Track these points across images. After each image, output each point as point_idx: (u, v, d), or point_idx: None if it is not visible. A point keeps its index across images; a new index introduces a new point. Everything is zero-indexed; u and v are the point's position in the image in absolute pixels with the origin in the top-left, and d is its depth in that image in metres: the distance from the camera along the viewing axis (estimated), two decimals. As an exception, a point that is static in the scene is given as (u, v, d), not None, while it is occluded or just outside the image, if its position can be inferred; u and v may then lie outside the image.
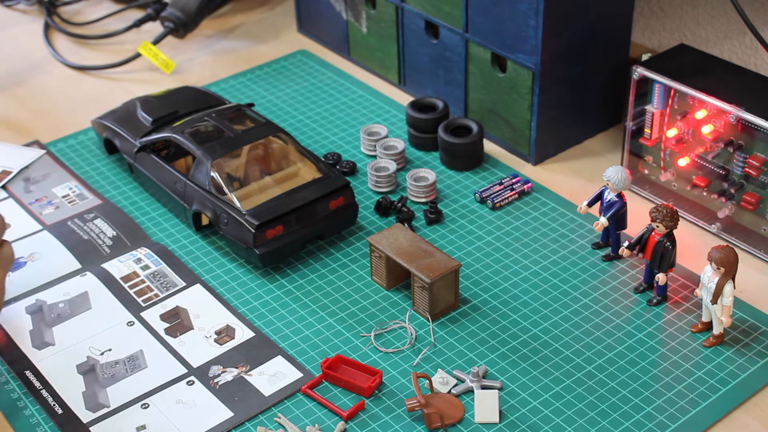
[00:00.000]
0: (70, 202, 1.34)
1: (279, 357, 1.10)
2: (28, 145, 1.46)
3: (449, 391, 1.05)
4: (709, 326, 1.10)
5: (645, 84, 1.25)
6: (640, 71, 1.25)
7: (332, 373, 1.06)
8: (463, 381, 1.06)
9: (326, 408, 1.04)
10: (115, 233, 1.28)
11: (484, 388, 1.05)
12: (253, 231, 1.18)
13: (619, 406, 1.03)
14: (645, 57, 1.28)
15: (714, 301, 1.06)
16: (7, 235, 1.28)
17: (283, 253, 1.21)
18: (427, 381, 1.04)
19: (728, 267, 1.04)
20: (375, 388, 1.06)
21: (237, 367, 1.09)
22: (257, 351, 1.11)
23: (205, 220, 1.28)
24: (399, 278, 1.18)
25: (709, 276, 1.06)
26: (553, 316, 1.14)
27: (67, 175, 1.40)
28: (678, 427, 1.01)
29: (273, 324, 1.14)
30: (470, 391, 1.05)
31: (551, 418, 1.02)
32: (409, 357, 1.10)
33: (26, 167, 1.39)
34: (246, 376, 1.08)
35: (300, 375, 1.07)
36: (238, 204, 1.20)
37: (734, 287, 1.06)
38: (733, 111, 1.17)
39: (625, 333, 1.11)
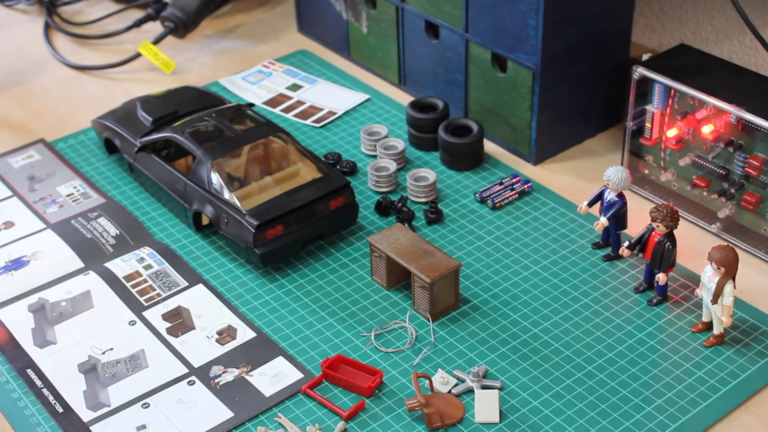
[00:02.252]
0: (74, 201, 1.34)
1: (280, 357, 1.10)
2: (33, 144, 1.46)
3: (449, 391, 1.05)
4: (709, 326, 1.10)
5: (645, 84, 1.25)
6: (640, 71, 1.25)
7: (332, 373, 1.06)
8: (463, 381, 1.06)
9: (326, 408, 1.04)
10: (118, 232, 1.28)
11: (484, 388, 1.05)
12: (253, 231, 1.18)
13: (619, 406, 1.03)
14: (645, 57, 1.28)
15: (714, 301, 1.06)
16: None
17: (283, 253, 1.21)
18: (427, 381, 1.04)
19: (728, 267, 1.04)
20: (375, 388, 1.06)
21: (238, 368, 1.09)
22: (258, 351, 1.11)
23: (205, 220, 1.28)
24: (399, 278, 1.18)
25: (710, 276, 1.06)
26: (553, 316, 1.14)
27: (72, 173, 1.40)
28: (678, 427, 1.01)
29: (273, 324, 1.14)
30: (470, 390, 1.05)
31: (551, 418, 1.02)
32: (409, 357, 1.10)
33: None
34: (247, 377, 1.08)
35: (301, 376, 1.07)
36: (238, 204, 1.20)
37: (734, 287, 1.06)
38: (733, 111, 1.17)
39: (625, 333, 1.11)
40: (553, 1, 1.26)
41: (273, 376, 1.08)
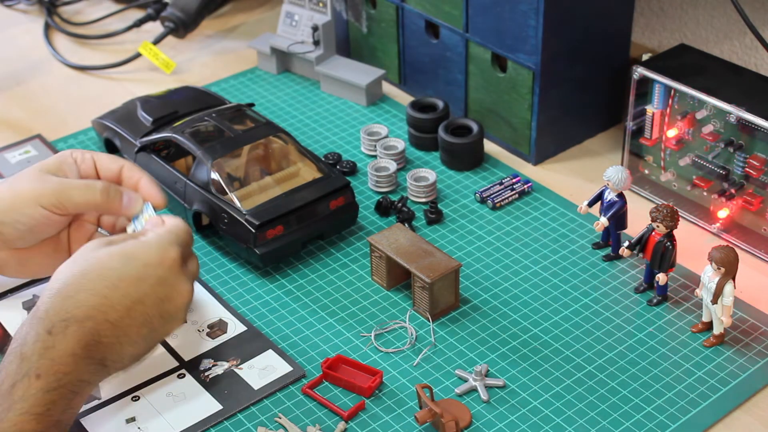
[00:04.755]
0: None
1: (269, 351, 1.10)
2: (29, 139, 1.47)
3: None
4: (709, 326, 1.10)
5: (645, 84, 1.25)
6: (640, 71, 1.25)
7: (332, 373, 1.06)
8: (465, 380, 1.06)
9: (326, 408, 1.04)
10: None
11: (487, 386, 1.05)
12: (253, 231, 1.18)
13: (619, 406, 1.03)
14: (645, 57, 1.28)
15: (714, 301, 1.06)
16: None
17: (283, 253, 1.21)
18: (430, 391, 1.03)
19: (728, 267, 1.04)
20: (375, 388, 1.06)
21: (228, 361, 1.09)
22: (248, 345, 1.11)
23: (205, 220, 1.28)
24: (399, 278, 1.18)
25: (710, 276, 1.06)
26: (554, 316, 1.14)
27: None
28: (678, 427, 1.01)
29: (273, 324, 1.15)
30: (474, 390, 1.05)
31: (551, 418, 1.02)
32: (409, 357, 1.10)
33: None
34: (236, 370, 1.08)
35: (290, 369, 1.08)
36: (238, 204, 1.20)
37: (734, 287, 1.06)
38: (733, 111, 1.17)
39: (625, 333, 1.11)
40: (553, 1, 1.26)
41: (262, 369, 1.08)
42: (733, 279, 1.06)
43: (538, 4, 1.26)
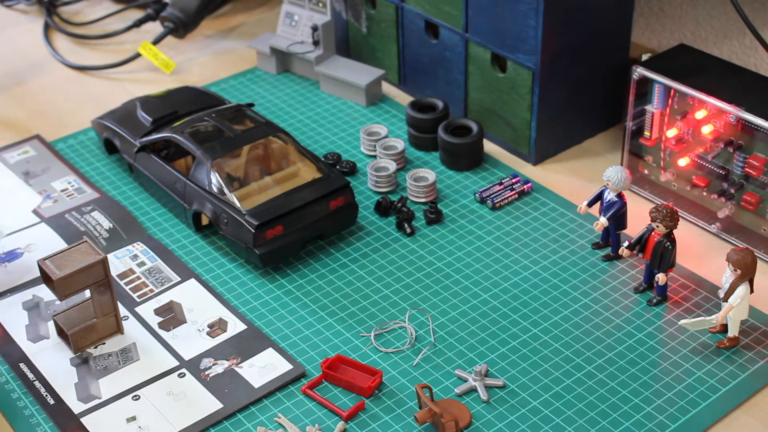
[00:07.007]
0: (68, 196, 1.35)
1: (270, 349, 1.10)
2: (28, 139, 1.47)
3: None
4: (726, 328, 1.09)
5: (645, 84, 1.25)
6: (640, 71, 1.25)
7: (332, 373, 1.06)
8: (465, 380, 1.06)
9: (326, 408, 1.04)
10: (111, 225, 1.28)
11: (486, 386, 1.05)
12: (253, 231, 1.18)
13: (619, 406, 1.03)
14: (645, 57, 1.28)
15: (725, 298, 1.06)
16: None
17: (283, 253, 1.21)
18: (429, 391, 1.03)
19: (744, 269, 1.04)
20: (375, 388, 1.06)
21: (228, 360, 1.09)
22: (248, 343, 1.11)
23: (205, 220, 1.28)
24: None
25: (728, 277, 1.06)
26: (553, 316, 1.14)
27: (66, 169, 1.40)
28: (678, 427, 1.01)
29: (273, 324, 1.15)
30: (473, 390, 1.05)
31: (551, 418, 1.02)
32: (409, 357, 1.10)
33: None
34: (237, 368, 1.08)
35: (290, 367, 1.08)
36: (238, 204, 1.20)
37: (751, 291, 1.05)
38: (733, 111, 1.17)
39: (625, 333, 1.11)
40: (553, 1, 1.26)
41: (262, 368, 1.08)
42: (751, 283, 1.05)
43: (538, 4, 1.26)
